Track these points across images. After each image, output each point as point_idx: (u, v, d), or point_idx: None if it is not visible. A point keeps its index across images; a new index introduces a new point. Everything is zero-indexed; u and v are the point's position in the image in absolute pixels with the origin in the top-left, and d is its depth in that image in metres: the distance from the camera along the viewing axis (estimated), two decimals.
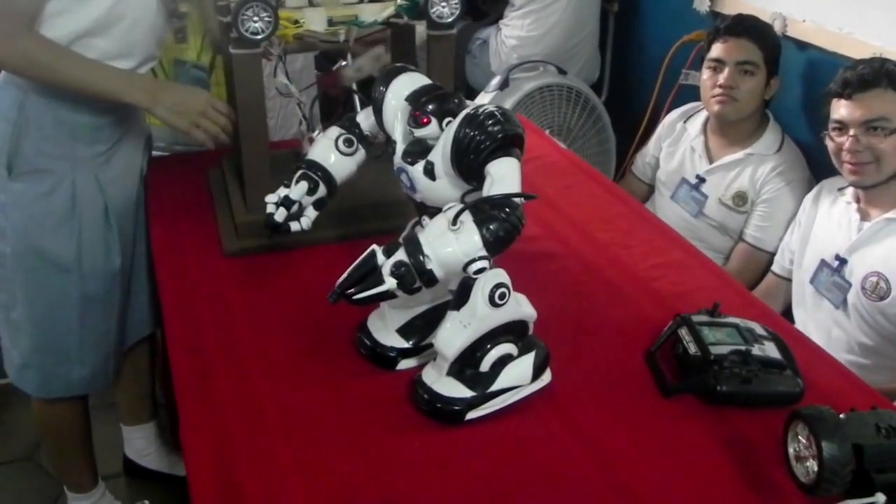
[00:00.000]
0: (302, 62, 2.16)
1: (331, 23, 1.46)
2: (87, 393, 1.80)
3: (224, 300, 1.37)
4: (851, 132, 1.81)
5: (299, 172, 1.26)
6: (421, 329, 1.21)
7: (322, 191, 1.26)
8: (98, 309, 1.65)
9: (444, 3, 1.44)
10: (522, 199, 1.00)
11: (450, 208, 1.01)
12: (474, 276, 1.01)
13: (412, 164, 1.08)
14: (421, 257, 0.99)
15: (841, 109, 1.83)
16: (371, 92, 1.18)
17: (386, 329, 1.22)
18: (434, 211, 1.07)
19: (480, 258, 0.99)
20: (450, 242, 0.99)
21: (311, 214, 1.27)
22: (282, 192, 1.26)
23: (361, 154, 1.28)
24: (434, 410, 1.10)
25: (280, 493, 1.00)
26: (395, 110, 1.13)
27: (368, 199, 1.55)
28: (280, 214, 1.25)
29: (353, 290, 1.03)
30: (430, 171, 1.06)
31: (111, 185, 1.60)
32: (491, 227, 0.98)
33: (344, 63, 1.54)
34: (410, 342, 1.21)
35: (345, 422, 1.11)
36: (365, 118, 1.26)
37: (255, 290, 1.39)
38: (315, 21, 1.44)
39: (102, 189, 1.58)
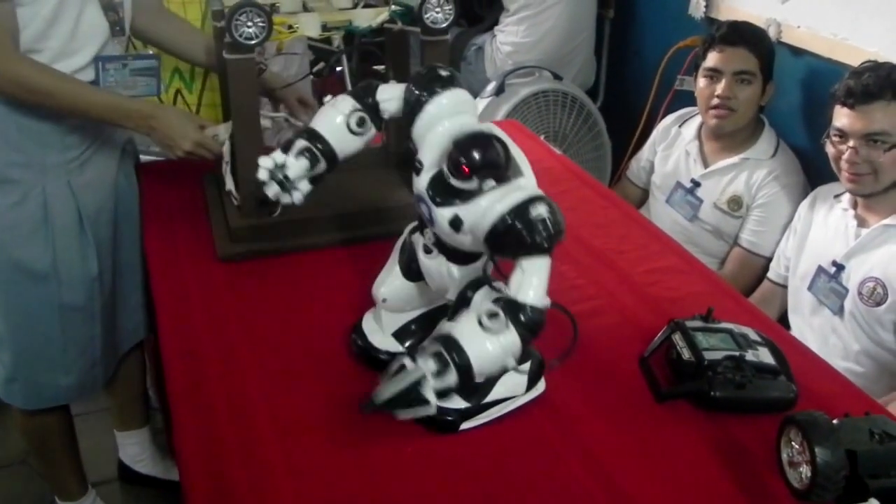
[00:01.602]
0: (297, 69, 2.17)
1: (325, 28, 1.46)
2: (75, 401, 1.79)
3: (218, 304, 1.36)
4: (851, 143, 1.79)
5: (300, 143, 1.15)
6: (416, 334, 1.20)
7: (321, 167, 1.16)
8: (79, 316, 1.63)
9: (437, 9, 1.43)
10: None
11: (506, 336, 0.98)
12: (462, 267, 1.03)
13: (438, 205, 1.02)
14: (471, 380, 0.97)
15: (843, 118, 1.82)
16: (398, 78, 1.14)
17: (381, 332, 1.22)
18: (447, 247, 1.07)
19: (515, 356, 0.99)
20: (493, 356, 0.97)
21: (304, 189, 1.16)
22: (277, 157, 1.15)
23: (372, 133, 1.18)
24: (428, 420, 1.09)
25: (273, 497, 1.00)
26: (431, 127, 1.06)
27: (367, 203, 1.55)
28: (272, 190, 1.15)
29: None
30: (455, 226, 1.00)
31: (85, 191, 1.57)
32: (523, 326, 0.98)
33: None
34: (405, 346, 1.20)
35: (338, 427, 1.10)
36: (389, 96, 1.15)
37: (249, 293, 1.39)
38: (309, 26, 1.45)
39: (75, 195, 1.56)
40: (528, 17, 2.92)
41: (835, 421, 0.99)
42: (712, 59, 2.21)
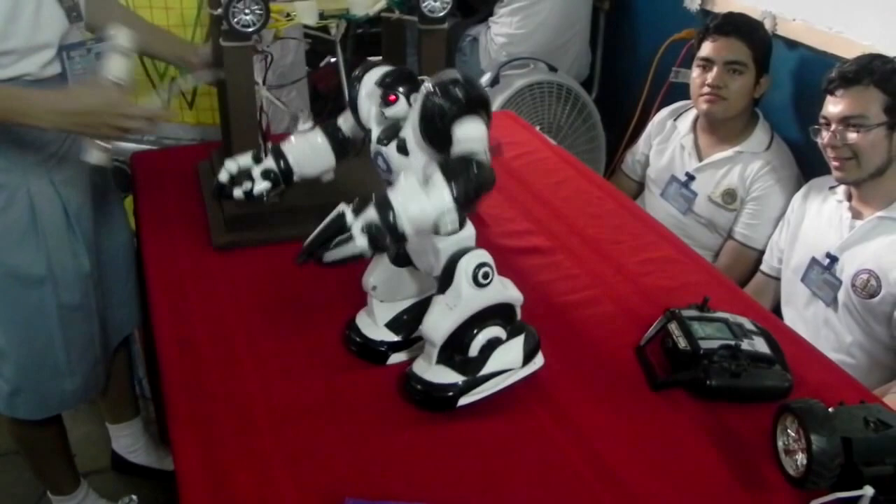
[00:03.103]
0: (293, 57, 2.16)
1: (322, 16, 1.46)
2: (79, 404, 1.76)
3: (214, 294, 1.36)
4: (832, 127, 1.83)
5: (268, 165, 1.23)
6: (409, 323, 1.21)
7: (270, 161, 1.24)
8: (78, 316, 1.60)
9: None
10: (489, 155, 1.01)
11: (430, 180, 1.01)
12: (444, 238, 1.03)
13: (386, 144, 1.10)
14: (391, 215, 0.98)
15: (827, 105, 1.85)
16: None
17: (375, 324, 1.22)
18: None
19: (449, 212, 1.00)
20: (420, 199, 0.99)
21: (262, 185, 1.24)
22: (243, 161, 1.24)
23: (321, 140, 1.26)
24: (427, 399, 1.10)
25: (269, 486, 1.00)
26: (368, 99, 1.15)
27: (360, 193, 1.54)
28: (223, 175, 1.24)
29: (322, 251, 1.01)
30: (402, 148, 1.08)
31: (66, 187, 1.52)
32: (460, 181, 0.99)
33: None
34: (400, 336, 1.21)
35: (335, 415, 1.11)
36: (345, 120, 1.26)
37: (245, 283, 1.39)
38: (307, 14, 1.44)
39: (59, 192, 1.51)
40: (523, 9, 2.92)
41: (830, 409, 0.99)
42: (706, 48, 2.22)
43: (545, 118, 2.75)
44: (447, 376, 1.09)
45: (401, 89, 1.09)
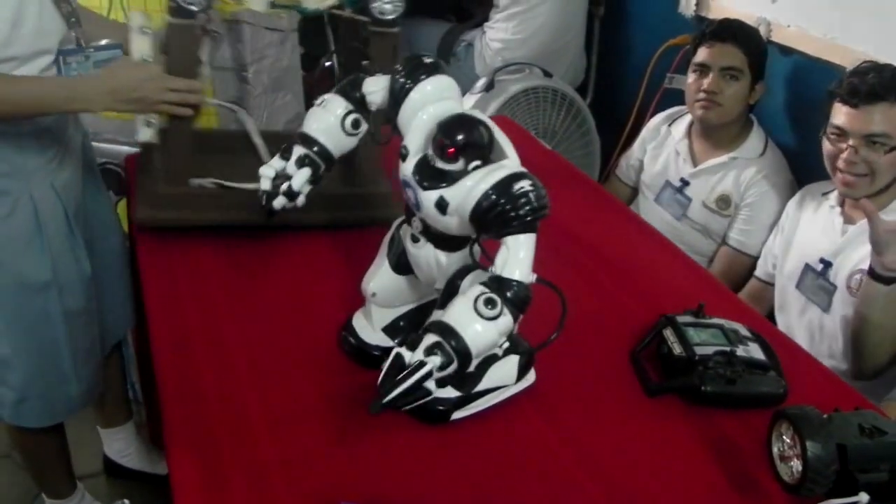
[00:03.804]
0: (288, 61, 2.16)
1: (273, 5, 1.43)
2: (83, 409, 1.73)
3: (208, 296, 1.35)
4: (851, 142, 1.79)
5: (299, 153, 1.16)
6: (406, 329, 1.20)
7: (321, 170, 1.17)
8: (82, 320, 1.59)
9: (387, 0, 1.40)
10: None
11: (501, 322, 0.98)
12: (449, 253, 1.05)
13: (424, 188, 1.03)
14: (455, 344, 0.96)
15: (843, 116, 1.80)
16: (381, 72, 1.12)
17: (371, 328, 1.21)
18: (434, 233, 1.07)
19: (509, 332, 1.00)
20: (489, 332, 0.97)
21: (305, 191, 1.18)
22: (277, 164, 1.17)
23: (364, 128, 1.18)
24: (419, 410, 1.09)
25: (264, 490, 0.99)
26: (418, 117, 1.06)
27: (357, 188, 1.55)
28: (279, 202, 1.16)
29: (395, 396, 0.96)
30: (442, 207, 1.01)
31: (66, 191, 1.52)
32: (514, 310, 0.98)
33: None
34: (395, 341, 1.20)
35: (330, 419, 1.10)
36: (375, 88, 1.14)
37: (240, 286, 1.38)
38: (256, 1, 1.41)
39: (60, 196, 1.50)
40: (518, 14, 2.91)
41: (825, 416, 0.99)
42: (701, 54, 2.22)
43: (540, 123, 2.75)
44: (442, 390, 1.07)
45: (462, 144, 0.99)
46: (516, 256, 0.97)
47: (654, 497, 1.01)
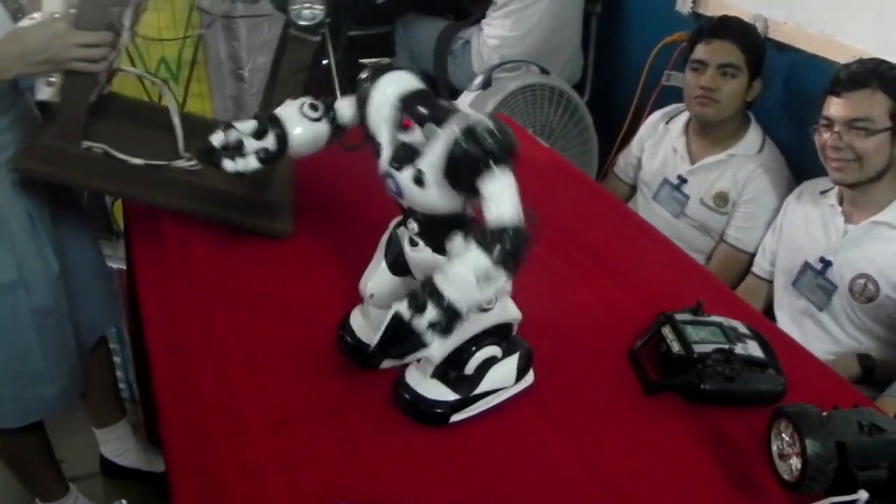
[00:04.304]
0: (270, 55, 2.16)
1: None
2: (63, 409, 1.73)
3: (204, 297, 1.35)
4: (836, 129, 1.82)
5: (266, 143, 1.19)
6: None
7: (270, 141, 1.19)
8: (52, 319, 1.58)
9: (306, 4, 1.36)
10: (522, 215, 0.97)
11: (471, 257, 0.95)
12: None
13: (399, 169, 1.04)
14: (453, 310, 0.94)
15: (831, 106, 1.84)
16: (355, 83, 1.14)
17: (369, 327, 1.21)
18: (422, 215, 1.06)
19: (505, 285, 0.97)
20: (485, 293, 0.95)
21: (251, 163, 1.19)
22: (242, 128, 1.19)
23: (324, 129, 1.21)
24: (417, 413, 1.09)
25: (262, 491, 0.99)
26: (381, 109, 1.09)
27: (248, 190, 1.52)
28: (217, 139, 1.18)
29: (392, 351, 0.97)
30: (419, 180, 1.02)
31: (28, 189, 1.51)
32: (512, 264, 0.95)
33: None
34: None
35: (327, 420, 1.10)
36: (346, 106, 1.20)
37: (236, 286, 1.38)
38: None
39: (22, 195, 1.49)
40: (516, 11, 2.91)
41: (824, 413, 0.99)
42: (699, 51, 2.22)
43: (537, 121, 2.75)
44: (440, 392, 1.08)
45: (419, 113, 1.02)
46: (500, 198, 0.96)
47: (653, 496, 1.01)
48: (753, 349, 1.19)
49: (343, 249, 1.46)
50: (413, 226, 1.09)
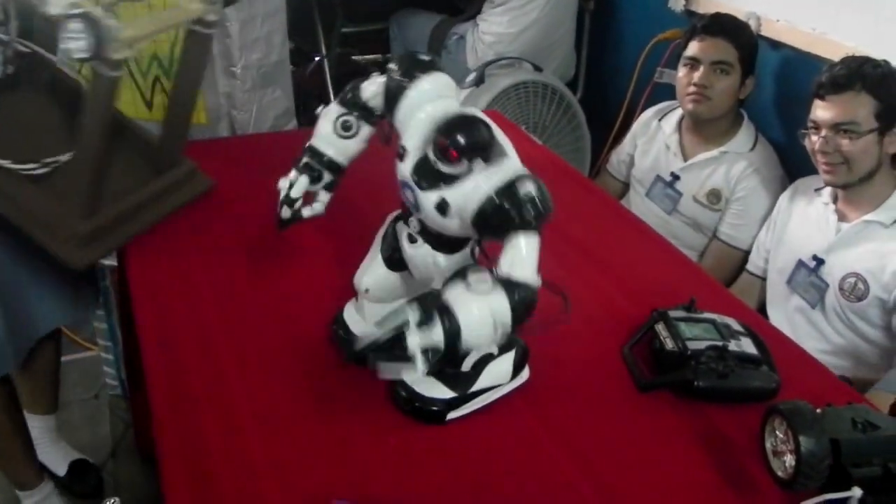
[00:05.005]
0: (277, 56, 2.15)
1: None
2: None
3: (196, 293, 1.34)
4: (823, 133, 1.82)
5: (302, 162, 1.20)
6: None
7: (327, 177, 1.21)
8: None
9: (72, 36, 1.21)
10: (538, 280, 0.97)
11: (496, 303, 0.94)
12: (448, 256, 1.02)
13: (423, 189, 1.00)
14: (460, 347, 0.94)
15: (817, 110, 1.84)
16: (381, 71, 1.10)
17: (363, 322, 1.20)
18: (431, 229, 1.05)
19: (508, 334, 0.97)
20: (490, 334, 0.95)
21: (324, 199, 1.22)
22: (291, 175, 1.20)
23: (366, 131, 1.18)
24: (414, 410, 1.09)
25: (255, 490, 0.98)
26: (413, 112, 1.04)
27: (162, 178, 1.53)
28: (285, 212, 1.20)
29: (378, 355, 0.95)
30: (442, 209, 0.99)
31: None
32: (519, 317, 0.95)
33: None
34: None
35: (321, 419, 1.09)
36: (373, 92, 1.15)
37: (228, 282, 1.37)
38: None
39: None
40: (513, 9, 2.91)
41: (818, 410, 0.99)
42: (692, 48, 2.23)
43: (531, 118, 2.75)
44: (437, 390, 1.07)
45: (463, 146, 0.95)
46: (521, 258, 0.95)
47: (647, 493, 1.01)
48: (747, 346, 1.19)
49: (336, 245, 1.45)
50: (415, 224, 1.07)
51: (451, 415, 1.08)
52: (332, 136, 1.18)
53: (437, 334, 0.92)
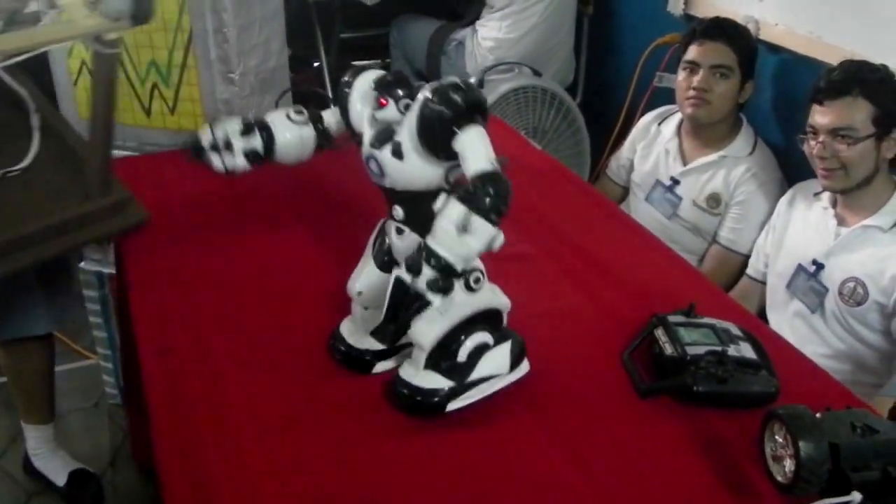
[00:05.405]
0: (275, 62, 2.15)
1: None
2: None
3: (194, 301, 1.34)
4: (820, 138, 1.82)
5: (254, 143, 1.26)
6: (396, 330, 1.19)
7: (256, 141, 1.25)
8: None
9: None
10: (498, 164, 1.00)
11: (450, 209, 0.99)
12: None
13: (380, 147, 1.07)
14: (447, 267, 0.98)
15: (815, 115, 1.84)
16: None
17: (359, 332, 1.20)
18: (405, 196, 1.07)
19: (496, 237, 1.00)
20: (470, 245, 0.98)
21: (239, 162, 1.26)
22: (229, 128, 1.26)
23: (310, 134, 1.27)
24: (414, 404, 1.09)
25: (254, 496, 0.98)
26: (360, 102, 1.14)
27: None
28: (206, 136, 1.26)
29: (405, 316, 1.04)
30: (397, 152, 1.06)
31: None
32: (493, 212, 0.98)
33: None
34: (385, 344, 1.19)
35: (320, 424, 1.09)
36: (330, 115, 1.27)
37: (226, 289, 1.37)
38: None
39: None
40: (513, 14, 2.91)
41: (817, 415, 0.99)
42: (692, 52, 2.23)
43: (530, 123, 2.75)
44: (435, 381, 1.08)
45: (396, 93, 1.06)
46: (473, 150, 1.00)
47: (647, 498, 1.00)
48: (746, 351, 1.18)
49: (334, 253, 1.45)
50: (398, 212, 1.11)
51: (451, 405, 1.08)
52: (281, 117, 1.26)
53: (426, 271, 0.98)
